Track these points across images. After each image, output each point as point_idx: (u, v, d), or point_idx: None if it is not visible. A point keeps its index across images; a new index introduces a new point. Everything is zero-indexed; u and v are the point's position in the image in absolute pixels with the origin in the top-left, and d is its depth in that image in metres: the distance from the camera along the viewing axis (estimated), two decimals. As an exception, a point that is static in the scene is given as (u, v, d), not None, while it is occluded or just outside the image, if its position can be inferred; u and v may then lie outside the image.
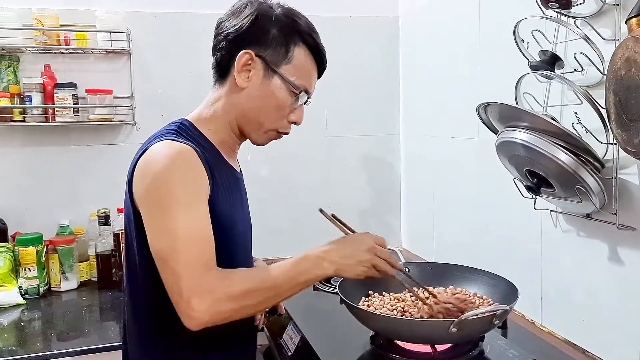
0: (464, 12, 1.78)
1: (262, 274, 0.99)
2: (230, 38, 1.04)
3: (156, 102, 2.07)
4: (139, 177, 0.98)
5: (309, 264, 1.00)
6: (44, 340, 1.56)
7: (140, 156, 1.00)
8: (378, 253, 1.04)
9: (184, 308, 0.90)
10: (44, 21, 1.92)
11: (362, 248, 1.03)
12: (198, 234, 0.94)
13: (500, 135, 1.29)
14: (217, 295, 0.91)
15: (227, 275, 0.94)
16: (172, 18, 2.11)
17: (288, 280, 0.98)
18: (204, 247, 0.94)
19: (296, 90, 1.06)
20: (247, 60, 1.03)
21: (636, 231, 1.16)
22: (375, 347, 1.25)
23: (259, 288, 0.95)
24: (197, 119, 1.09)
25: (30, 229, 1.97)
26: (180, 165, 0.96)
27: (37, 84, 1.91)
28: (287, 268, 0.99)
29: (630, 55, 0.99)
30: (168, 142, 0.99)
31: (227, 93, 1.07)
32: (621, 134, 1.04)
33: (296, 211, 2.26)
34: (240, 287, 0.93)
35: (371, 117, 2.35)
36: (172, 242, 0.92)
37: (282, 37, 1.04)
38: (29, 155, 2.02)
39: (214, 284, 0.92)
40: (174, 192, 0.94)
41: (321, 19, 2.18)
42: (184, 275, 0.91)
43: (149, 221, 0.96)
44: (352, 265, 1.02)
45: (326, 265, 1.00)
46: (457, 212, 1.91)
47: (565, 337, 1.39)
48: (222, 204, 1.03)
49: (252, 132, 1.10)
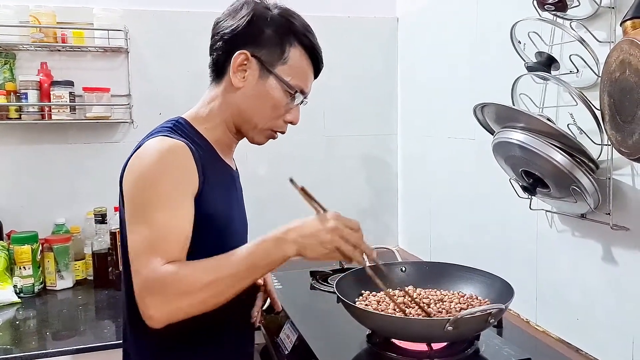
0: (462, 13, 1.79)
1: (218, 263, 0.92)
2: (226, 38, 1.05)
3: (154, 101, 2.07)
4: (128, 172, 0.99)
5: (269, 247, 0.94)
6: (39, 339, 1.55)
7: (134, 152, 1.01)
8: (345, 235, 0.96)
9: (142, 308, 0.88)
10: (40, 18, 1.91)
11: (325, 228, 0.95)
12: (165, 231, 0.91)
13: (497, 135, 1.30)
14: (168, 291, 0.87)
15: (181, 269, 0.89)
16: (170, 16, 2.10)
17: (248, 266, 0.92)
18: (167, 244, 0.91)
19: (291, 90, 1.06)
20: (242, 61, 1.04)
21: (630, 231, 1.17)
22: (371, 346, 1.25)
23: (216, 279, 0.90)
24: (193, 117, 1.10)
25: (26, 227, 1.96)
26: (168, 161, 0.97)
27: (33, 82, 1.91)
28: (245, 253, 0.93)
29: (624, 57, 1.00)
30: (161, 138, 1.00)
31: (223, 92, 1.08)
32: (615, 135, 1.05)
33: (294, 211, 2.23)
34: (194, 280, 0.89)
35: (369, 117, 2.35)
36: (136, 239, 0.92)
37: (277, 37, 1.05)
38: (25, 153, 2.01)
39: (165, 280, 0.87)
40: (156, 188, 0.94)
41: (319, 19, 2.19)
42: (139, 273, 0.89)
43: (128, 216, 0.97)
44: (313, 246, 0.94)
45: (287, 247, 0.93)
46: (453, 212, 1.92)
47: (560, 336, 1.40)
48: (217, 202, 1.03)
49: (248, 131, 1.10)
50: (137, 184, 0.97)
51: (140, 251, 0.91)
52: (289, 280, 1.74)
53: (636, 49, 0.96)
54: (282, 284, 1.72)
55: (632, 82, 0.98)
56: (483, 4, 1.69)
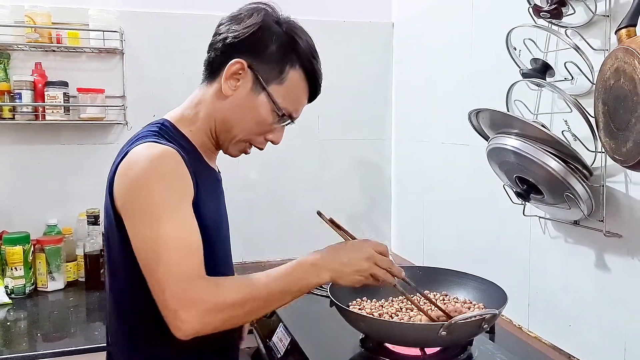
0: (457, 19, 1.80)
1: (253, 283, 0.93)
2: (227, 42, 1.01)
3: (148, 102, 2.06)
4: (120, 181, 0.95)
5: (304, 272, 0.96)
6: (29, 340, 1.55)
7: (122, 159, 0.96)
8: (378, 262, 1.00)
9: (171, 319, 0.87)
10: (36, 19, 1.90)
11: (361, 256, 0.99)
12: (184, 240, 0.90)
13: (491, 141, 1.30)
14: (205, 306, 0.87)
15: (215, 284, 0.90)
16: (166, 18, 2.10)
17: (281, 289, 0.94)
18: (191, 254, 0.90)
19: (280, 112, 1.03)
20: (237, 70, 1.00)
21: (622, 238, 1.17)
22: (365, 350, 1.25)
23: (250, 298, 0.91)
24: (178, 119, 1.06)
25: (18, 227, 1.95)
26: (163, 168, 0.93)
27: (27, 82, 1.90)
28: (279, 276, 0.94)
29: (619, 65, 1.00)
30: (150, 144, 0.95)
31: (212, 97, 1.04)
32: (609, 142, 1.06)
33: (286, 215, 2.26)
34: (230, 297, 0.89)
35: (363, 121, 2.36)
36: (157, 251, 0.88)
37: (279, 55, 1.01)
38: (18, 154, 2.00)
39: (202, 294, 0.88)
40: (157, 196, 0.91)
41: (315, 23, 2.19)
42: (169, 286, 0.87)
43: (132, 227, 0.93)
44: (349, 274, 0.98)
45: (322, 274, 0.96)
46: (447, 218, 1.92)
47: (552, 342, 1.40)
48: (206, 207, 1.00)
49: (225, 141, 1.07)
50: (132, 196, 0.93)
51: (164, 264, 0.87)
52: (282, 284, 1.73)
53: (631, 57, 0.96)
54: (275, 288, 1.71)
55: (627, 89, 0.98)
56: (478, 10, 1.70)
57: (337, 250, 1.01)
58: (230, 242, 1.20)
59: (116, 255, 1.00)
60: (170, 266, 0.87)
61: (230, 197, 2.17)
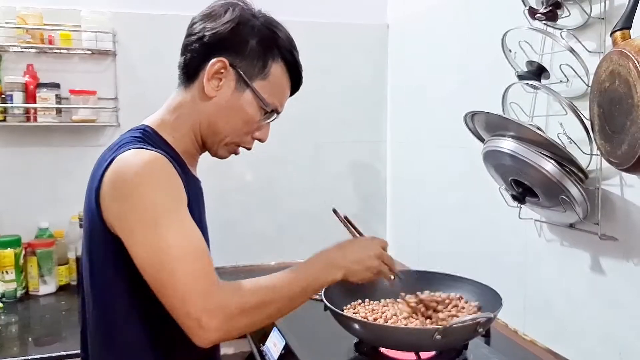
0: (453, 21, 1.80)
1: (273, 283, 0.92)
2: (205, 41, 0.97)
3: (141, 104, 2.03)
4: (110, 191, 0.89)
5: (319, 271, 0.97)
6: (20, 344, 1.53)
7: (107, 167, 0.90)
8: (385, 259, 1.06)
9: (194, 328, 0.84)
10: (27, 20, 1.88)
11: (371, 254, 1.04)
12: (192, 247, 0.87)
13: (487, 144, 1.30)
14: (229, 310, 0.85)
15: (237, 287, 0.88)
16: (159, 20, 2.09)
17: (301, 289, 0.94)
18: (201, 259, 0.87)
19: (267, 108, 1.00)
20: (219, 69, 0.97)
21: (618, 242, 1.17)
22: (359, 354, 1.25)
23: (273, 299, 0.90)
24: (159, 124, 1.01)
25: (9, 231, 1.93)
26: (156, 174, 0.89)
27: (19, 83, 1.88)
28: (298, 275, 0.94)
29: (614, 68, 1.00)
30: (138, 151, 0.91)
31: (193, 99, 1.00)
32: (604, 145, 1.05)
33: (282, 217, 2.25)
34: (253, 299, 0.88)
35: (358, 123, 2.35)
36: (166, 262, 0.84)
37: (260, 50, 0.98)
38: (8, 156, 1.97)
39: (225, 299, 0.86)
40: (156, 204, 0.87)
41: (310, 24, 2.21)
42: (189, 296, 0.83)
43: (133, 239, 0.87)
44: (360, 271, 1.02)
45: (336, 271, 0.99)
46: (442, 220, 1.92)
47: (547, 345, 1.40)
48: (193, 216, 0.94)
49: (214, 144, 1.03)
50: (127, 206, 0.88)
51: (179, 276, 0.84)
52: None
53: (625, 59, 0.96)
54: (270, 291, 1.70)
55: (622, 92, 0.98)
56: (474, 12, 1.70)
57: (347, 248, 1.04)
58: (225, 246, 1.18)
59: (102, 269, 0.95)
60: (186, 275, 0.84)
61: (225, 198, 2.18)
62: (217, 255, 1.11)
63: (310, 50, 2.21)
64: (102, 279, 0.96)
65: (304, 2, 2.23)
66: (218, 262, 1.11)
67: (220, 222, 2.10)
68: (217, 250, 1.11)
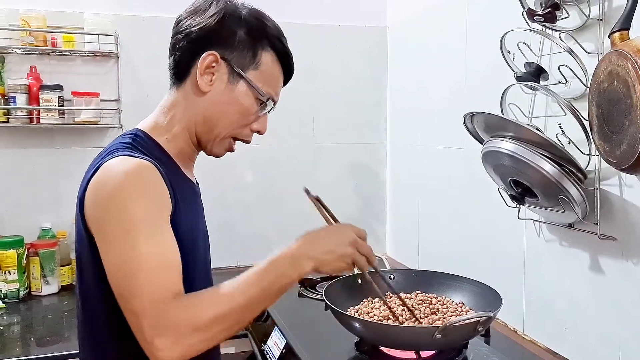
0: (452, 23, 1.81)
1: (230, 292, 0.85)
2: (192, 37, 0.96)
3: (143, 106, 2.02)
4: (92, 198, 0.88)
5: (284, 266, 0.88)
6: (23, 345, 1.54)
7: (93, 174, 0.89)
8: (359, 248, 0.95)
9: (148, 348, 0.80)
10: (31, 22, 1.90)
11: (344, 241, 0.93)
12: (159, 259, 0.83)
13: (486, 144, 1.31)
14: (180, 330, 0.80)
15: (190, 303, 0.83)
16: (161, 22, 2.08)
17: (262, 291, 0.86)
18: (166, 273, 0.83)
19: (263, 97, 0.98)
20: (210, 62, 0.95)
21: (617, 241, 1.18)
22: (360, 353, 1.25)
23: (230, 310, 0.83)
24: (152, 127, 0.99)
25: (12, 231, 1.94)
26: (138, 184, 0.86)
27: (22, 85, 1.89)
28: (256, 278, 0.87)
29: (612, 68, 1.01)
30: (123, 158, 0.88)
31: (186, 97, 0.98)
32: (603, 145, 1.06)
33: (282, 217, 2.25)
34: (207, 314, 0.82)
35: (358, 125, 2.36)
36: (129, 272, 0.82)
37: (249, 40, 0.97)
38: (12, 157, 1.99)
39: (176, 318, 0.80)
40: (131, 214, 0.84)
41: (310, 27, 2.22)
42: (143, 313, 0.80)
43: (105, 249, 0.86)
44: (332, 261, 0.92)
45: (304, 263, 0.89)
46: (442, 221, 1.93)
47: (547, 345, 1.40)
48: (183, 223, 0.94)
49: (209, 141, 1.01)
50: (104, 214, 0.86)
51: (138, 288, 0.81)
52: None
53: (624, 60, 0.97)
54: (271, 291, 1.70)
55: (620, 92, 0.99)
56: (473, 14, 1.71)
57: (317, 236, 0.94)
58: (225, 247, 1.17)
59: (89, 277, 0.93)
60: (143, 289, 0.81)
61: (225, 199, 2.19)
62: (217, 256, 1.12)
63: (311, 53, 2.23)
64: (85, 284, 0.95)
65: (304, 5, 2.24)
66: (218, 263, 1.11)
67: (221, 223, 2.11)
68: (217, 251, 1.12)
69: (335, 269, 0.93)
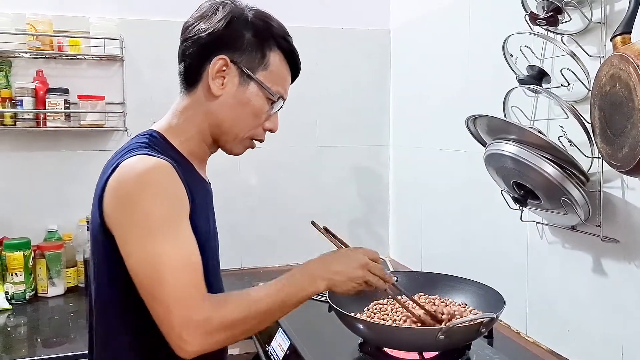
0: (454, 27, 1.82)
1: (254, 298, 0.92)
2: (201, 43, 0.98)
3: (147, 109, 2.07)
4: (111, 196, 0.90)
5: (302, 283, 0.96)
6: (29, 346, 1.55)
7: (111, 173, 0.91)
8: (371, 269, 1.02)
9: (175, 340, 0.85)
10: (37, 26, 1.92)
11: (355, 265, 1.00)
12: (184, 259, 0.87)
13: (489, 147, 1.31)
14: (210, 326, 0.86)
15: (219, 303, 0.89)
16: (165, 26, 2.10)
17: (281, 302, 0.93)
18: (192, 273, 0.88)
19: (273, 97, 1.01)
20: (221, 67, 0.97)
21: (620, 243, 1.18)
22: (363, 355, 1.26)
23: (252, 314, 0.90)
24: (166, 129, 1.02)
25: (18, 233, 1.95)
26: (158, 182, 0.89)
27: (29, 89, 1.91)
28: (278, 289, 0.94)
29: (615, 72, 1.01)
30: (142, 157, 0.91)
31: (198, 101, 1.01)
32: (605, 148, 1.07)
33: (285, 220, 2.26)
34: (234, 315, 0.88)
35: (361, 128, 2.37)
36: (157, 272, 0.85)
37: (257, 41, 0.99)
38: (18, 160, 2.01)
39: (207, 315, 0.86)
40: (153, 213, 0.87)
41: (313, 30, 2.24)
42: (174, 308, 0.84)
43: (127, 246, 0.88)
44: (344, 282, 0.99)
45: (318, 283, 0.97)
46: (445, 223, 1.93)
47: (550, 347, 1.41)
48: (198, 220, 0.96)
49: (227, 142, 1.04)
50: (126, 212, 0.89)
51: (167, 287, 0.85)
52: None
53: (626, 63, 0.98)
54: (275, 293, 1.71)
55: (622, 96, 0.99)
56: (475, 17, 1.71)
57: (330, 259, 1.01)
58: (229, 249, 1.18)
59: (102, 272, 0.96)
60: (174, 288, 0.85)
61: (229, 202, 2.20)
62: (222, 258, 1.13)
63: (314, 55, 2.24)
64: (101, 282, 0.97)
65: (308, 8, 2.25)
66: (223, 265, 1.13)
67: (225, 226, 2.11)
68: (222, 252, 1.13)
69: (348, 289, 1.01)
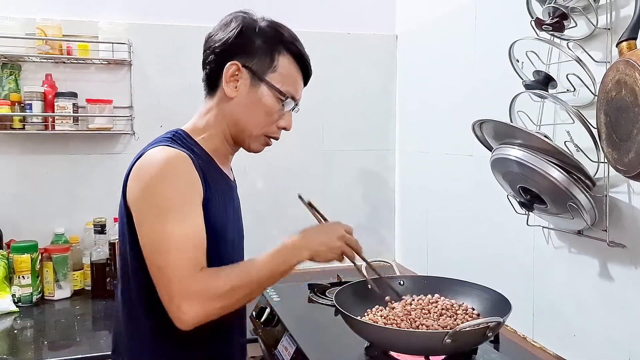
0: (460, 32, 1.82)
1: (246, 269, 1.03)
2: (217, 51, 1.09)
3: (155, 113, 2.09)
4: (133, 180, 1.02)
5: (288, 253, 1.06)
6: (35, 348, 1.55)
7: (136, 160, 1.04)
8: (347, 241, 1.13)
9: (174, 311, 0.95)
10: (47, 31, 1.94)
11: (334, 236, 1.12)
12: (190, 237, 0.98)
13: (495, 152, 1.32)
14: (205, 296, 0.96)
15: (213, 274, 0.99)
16: (173, 31, 2.13)
17: (270, 271, 1.03)
18: (194, 251, 0.98)
19: (283, 96, 1.10)
20: (234, 71, 1.08)
21: (626, 248, 1.18)
22: (370, 358, 1.26)
23: (244, 283, 1.00)
24: (191, 128, 1.13)
25: (26, 236, 1.97)
26: (174, 169, 1.00)
27: (38, 93, 1.93)
28: (267, 260, 1.04)
29: (620, 77, 1.02)
30: (162, 148, 1.03)
31: (218, 103, 1.12)
32: (612, 153, 1.07)
33: (291, 223, 2.26)
34: (226, 285, 0.98)
35: (367, 132, 2.38)
36: (164, 247, 0.96)
37: (266, 47, 1.09)
38: (27, 163, 2.02)
39: (201, 286, 0.96)
40: (167, 196, 0.98)
41: (319, 35, 2.25)
42: (174, 280, 0.95)
43: (142, 225, 1.00)
44: (324, 252, 1.10)
45: (302, 252, 1.07)
46: (450, 228, 1.93)
47: (557, 352, 1.40)
48: (214, 208, 1.06)
49: (245, 139, 1.14)
50: (144, 194, 1.00)
51: (171, 262, 0.95)
52: (287, 293, 1.74)
53: (632, 69, 0.98)
54: (280, 297, 1.72)
55: (628, 101, 1.00)
56: (481, 23, 1.72)
57: (313, 232, 1.13)
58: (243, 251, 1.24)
59: (127, 257, 1.06)
60: (176, 262, 0.95)
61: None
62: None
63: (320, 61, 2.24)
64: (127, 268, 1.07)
65: (314, 13, 2.27)
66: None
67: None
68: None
69: (327, 258, 1.12)
